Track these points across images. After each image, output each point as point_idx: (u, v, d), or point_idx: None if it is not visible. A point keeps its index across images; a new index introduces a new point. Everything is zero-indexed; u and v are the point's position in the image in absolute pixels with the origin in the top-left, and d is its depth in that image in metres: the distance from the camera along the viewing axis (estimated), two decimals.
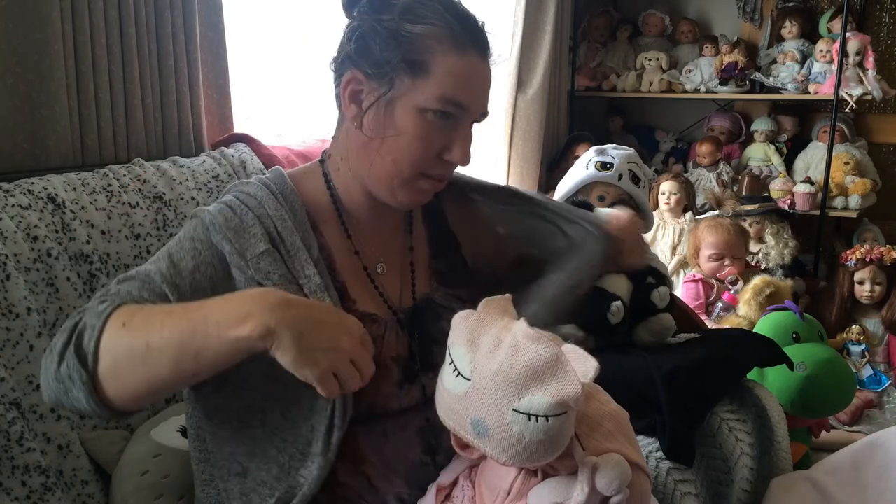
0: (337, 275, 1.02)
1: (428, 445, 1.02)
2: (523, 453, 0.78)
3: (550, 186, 2.84)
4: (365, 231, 1.07)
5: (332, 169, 1.06)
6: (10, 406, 1.08)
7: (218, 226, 0.96)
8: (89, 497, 1.21)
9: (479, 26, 0.99)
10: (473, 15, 1.00)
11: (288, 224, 0.98)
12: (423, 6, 0.96)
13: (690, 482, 1.34)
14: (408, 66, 0.95)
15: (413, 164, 0.98)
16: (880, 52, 3.32)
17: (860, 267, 2.61)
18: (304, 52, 2.30)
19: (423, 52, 0.94)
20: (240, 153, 1.74)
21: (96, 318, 0.85)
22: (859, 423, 2.33)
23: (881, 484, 1.42)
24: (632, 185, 1.88)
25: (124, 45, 1.51)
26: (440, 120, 0.96)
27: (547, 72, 3.14)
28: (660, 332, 1.59)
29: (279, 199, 1.00)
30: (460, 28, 0.96)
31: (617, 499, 0.80)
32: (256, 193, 1.00)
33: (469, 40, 0.96)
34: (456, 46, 0.95)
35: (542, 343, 0.79)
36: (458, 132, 0.98)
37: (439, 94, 0.95)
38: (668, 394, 1.35)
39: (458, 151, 0.98)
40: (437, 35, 0.95)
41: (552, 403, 0.76)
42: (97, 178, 1.39)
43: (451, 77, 0.95)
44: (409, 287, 1.09)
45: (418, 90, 0.95)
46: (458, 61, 0.95)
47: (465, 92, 0.96)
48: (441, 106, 0.95)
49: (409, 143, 0.97)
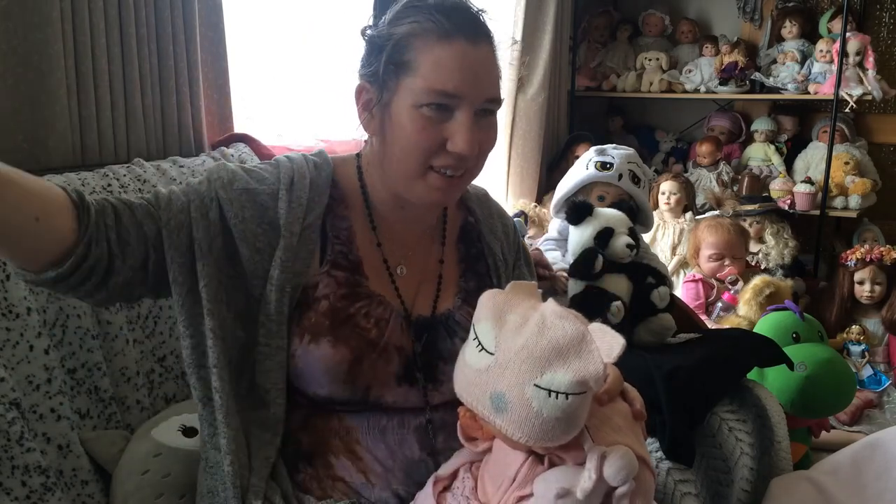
0: (354, 248, 1.05)
1: (427, 445, 1.02)
2: (539, 430, 0.79)
3: (550, 186, 2.85)
4: (389, 229, 1.09)
5: (364, 166, 1.10)
6: (10, 406, 1.08)
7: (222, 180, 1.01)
8: (89, 497, 1.21)
9: (468, 12, 0.98)
10: (467, 5, 0.99)
11: (305, 181, 1.03)
12: (410, 9, 0.97)
13: (690, 482, 1.35)
14: (395, 66, 0.97)
15: (417, 158, 0.98)
16: (880, 52, 3.32)
17: (860, 267, 2.61)
18: (304, 52, 2.30)
19: (407, 50, 0.96)
20: (240, 153, 1.74)
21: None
22: (859, 423, 2.33)
23: (881, 484, 1.42)
24: (632, 185, 1.88)
25: (124, 45, 1.51)
26: (436, 113, 0.96)
27: (547, 72, 3.15)
28: (660, 332, 1.59)
29: (310, 164, 1.06)
30: (444, 18, 0.95)
31: (623, 489, 0.81)
32: (294, 156, 1.07)
33: (454, 28, 0.95)
34: (439, 37, 0.95)
35: (570, 321, 0.80)
36: (457, 121, 0.97)
37: (426, 86, 0.95)
38: (668, 394, 1.35)
39: (460, 140, 0.97)
40: (419, 31, 0.96)
41: (574, 381, 0.77)
42: (97, 178, 1.38)
43: (436, 67, 0.95)
44: (432, 297, 1.10)
45: (408, 88, 0.96)
46: (443, 50, 0.95)
47: (453, 80, 0.95)
48: (431, 98, 0.95)
49: (409, 138, 0.97)
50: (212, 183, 0.99)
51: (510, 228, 1.25)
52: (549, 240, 1.96)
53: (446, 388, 1.01)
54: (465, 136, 0.96)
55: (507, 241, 1.22)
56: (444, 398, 1.03)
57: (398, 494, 1.00)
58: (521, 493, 0.85)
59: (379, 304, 1.03)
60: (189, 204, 0.97)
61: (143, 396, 1.35)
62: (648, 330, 1.59)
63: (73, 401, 1.22)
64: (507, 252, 1.22)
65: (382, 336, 1.01)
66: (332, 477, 1.00)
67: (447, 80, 0.95)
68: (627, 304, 1.57)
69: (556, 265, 1.82)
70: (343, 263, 1.04)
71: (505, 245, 1.21)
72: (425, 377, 1.04)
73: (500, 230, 1.22)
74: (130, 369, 1.32)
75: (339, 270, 1.03)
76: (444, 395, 1.03)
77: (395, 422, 1.02)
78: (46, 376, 1.16)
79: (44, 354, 1.16)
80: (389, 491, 1.00)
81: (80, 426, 1.24)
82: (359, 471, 1.00)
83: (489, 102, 0.99)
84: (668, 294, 1.60)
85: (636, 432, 0.90)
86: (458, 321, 1.08)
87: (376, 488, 0.99)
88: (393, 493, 1.00)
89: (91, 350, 1.26)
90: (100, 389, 1.26)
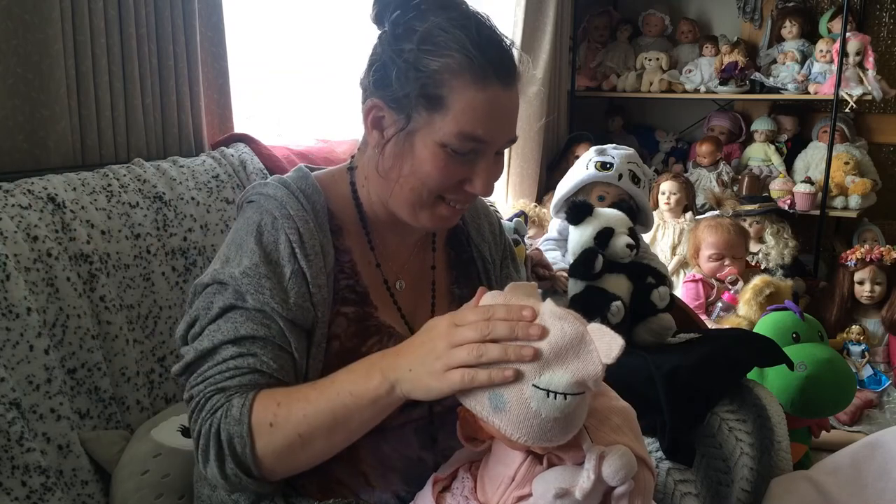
0: (360, 278, 1.03)
1: (425, 443, 1.02)
2: (538, 430, 0.79)
3: (550, 186, 2.85)
4: (387, 245, 1.07)
5: (359, 181, 1.07)
6: (10, 406, 1.08)
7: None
8: (89, 497, 1.21)
9: (504, 52, 0.94)
10: (500, 38, 0.95)
11: (310, 226, 0.98)
12: (443, 34, 0.92)
13: (690, 482, 1.35)
14: (426, 100, 0.92)
15: (432, 191, 0.97)
16: (880, 52, 3.32)
17: (860, 267, 2.61)
18: (305, 52, 2.30)
19: (440, 86, 0.91)
20: (240, 153, 1.74)
21: (238, 424, 0.89)
22: (859, 423, 2.33)
23: (881, 484, 1.42)
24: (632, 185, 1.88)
25: (124, 45, 1.51)
26: (461, 154, 0.94)
27: (547, 72, 3.15)
28: (660, 332, 1.59)
29: (300, 199, 1.00)
30: (481, 58, 0.91)
31: (622, 489, 0.81)
32: (276, 194, 1.00)
33: (491, 72, 0.92)
34: (475, 80, 0.91)
35: (568, 321, 0.80)
36: (481, 164, 0.96)
37: (457, 130, 0.92)
38: (668, 394, 1.35)
39: (480, 184, 0.96)
40: (455, 68, 0.91)
41: (572, 382, 0.77)
42: (97, 178, 1.39)
43: (469, 112, 0.92)
44: (429, 307, 1.09)
45: (436, 125, 0.93)
46: (477, 95, 0.91)
47: (485, 127, 0.93)
48: (460, 141, 0.93)
49: (429, 174, 0.95)
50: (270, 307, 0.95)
51: (496, 226, 1.23)
52: (549, 240, 1.96)
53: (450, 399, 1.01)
54: (485, 181, 0.96)
55: (493, 241, 1.21)
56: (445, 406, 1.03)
57: (398, 495, 1.00)
58: (520, 492, 0.85)
59: (389, 337, 1.01)
60: (274, 340, 0.95)
61: (143, 396, 1.35)
62: (648, 330, 1.59)
63: (73, 401, 1.22)
64: (495, 252, 1.20)
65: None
66: (332, 479, 1.00)
67: (478, 126, 0.92)
68: (627, 304, 1.57)
69: (556, 265, 1.83)
70: (351, 298, 1.01)
71: (492, 245, 1.20)
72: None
73: (487, 230, 1.20)
74: (130, 369, 1.32)
75: (349, 306, 1.01)
76: (444, 404, 1.03)
77: (396, 422, 1.02)
78: (46, 376, 1.16)
79: (44, 354, 1.16)
80: (389, 492, 0.99)
81: (80, 426, 1.24)
82: (359, 472, 0.99)
83: (509, 143, 0.99)
84: (668, 294, 1.60)
85: (635, 431, 0.90)
86: None
87: (376, 491, 0.99)
88: (393, 494, 0.99)
89: (91, 350, 1.26)
90: (100, 389, 1.26)
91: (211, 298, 0.97)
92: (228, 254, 0.98)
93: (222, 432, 0.90)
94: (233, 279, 0.95)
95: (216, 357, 0.93)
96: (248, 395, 0.91)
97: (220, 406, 0.91)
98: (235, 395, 0.91)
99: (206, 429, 0.91)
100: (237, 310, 0.95)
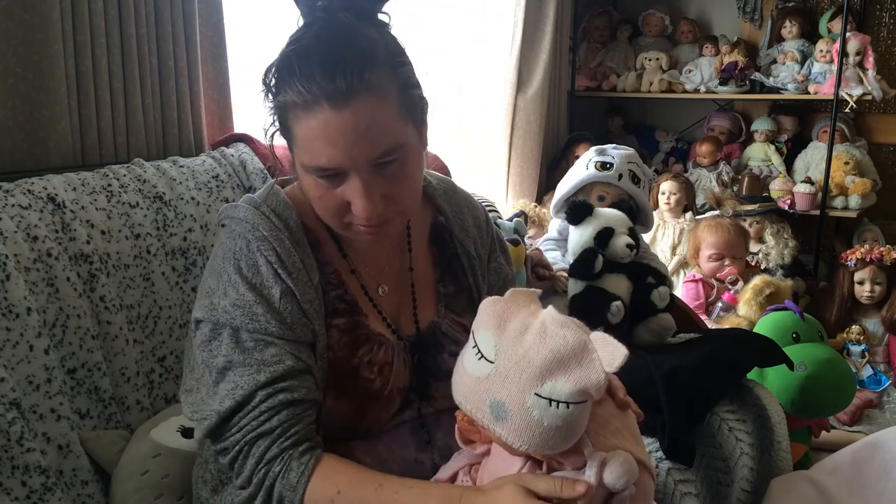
0: (347, 288, 1.02)
1: (422, 443, 1.02)
2: (539, 439, 0.79)
3: (550, 186, 2.85)
4: (360, 250, 1.05)
5: None
6: (10, 406, 1.08)
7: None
8: (89, 497, 1.21)
9: (335, 72, 0.86)
10: (330, 57, 0.87)
11: (286, 244, 0.97)
12: (285, 62, 0.90)
13: (690, 482, 1.34)
14: (286, 132, 0.93)
15: (330, 218, 0.96)
16: (880, 52, 3.32)
17: (860, 267, 2.61)
18: None
19: (286, 119, 0.91)
20: (240, 153, 1.74)
21: (292, 491, 0.89)
22: (859, 423, 2.33)
23: (881, 484, 1.43)
24: (632, 185, 1.88)
25: (124, 45, 1.51)
26: (329, 181, 0.91)
27: (547, 72, 3.14)
28: (660, 332, 1.59)
29: (272, 218, 0.98)
30: (307, 84, 0.86)
31: (623, 494, 0.81)
32: (246, 216, 0.98)
33: (317, 94, 0.86)
34: (304, 108, 0.87)
35: (570, 329, 0.79)
36: (350, 187, 0.90)
37: (307, 162, 0.90)
38: (668, 394, 1.35)
39: (358, 207, 0.91)
40: (292, 100, 0.88)
41: (574, 390, 0.77)
42: (97, 178, 1.39)
43: (308, 143, 0.89)
44: (411, 310, 1.07)
45: (296, 156, 0.93)
46: (309, 123, 0.88)
47: (325, 154, 0.88)
48: (315, 173, 0.91)
49: (315, 202, 0.95)
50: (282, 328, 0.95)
51: (481, 220, 1.18)
52: (549, 240, 1.96)
53: (440, 402, 1.02)
54: (361, 203, 0.90)
55: (479, 235, 1.16)
56: (436, 408, 1.03)
57: None
58: None
59: (380, 345, 1.00)
60: (289, 355, 0.94)
61: (143, 396, 1.35)
62: (648, 330, 1.59)
63: (73, 401, 1.23)
64: (481, 247, 1.16)
65: (387, 384, 0.99)
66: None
67: (319, 156, 0.88)
68: (627, 304, 1.57)
69: (556, 265, 1.82)
70: (342, 308, 1.00)
71: (478, 241, 1.16)
72: (419, 396, 1.04)
73: (472, 224, 1.15)
74: (130, 369, 1.32)
75: (340, 317, 1.00)
76: (435, 406, 1.04)
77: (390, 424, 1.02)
78: (46, 376, 1.16)
79: (44, 354, 1.16)
80: None
81: (80, 426, 1.24)
82: None
83: (380, 159, 0.89)
84: (668, 294, 1.60)
85: (635, 435, 0.89)
86: (446, 332, 1.06)
87: None
88: None
89: (91, 350, 1.26)
90: (100, 389, 1.26)
91: (209, 357, 0.95)
92: (212, 284, 0.97)
93: (275, 490, 0.90)
94: (226, 313, 0.93)
95: (245, 408, 0.92)
96: (310, 462, 0.90)
97: (274, 458, 0.91)
98: (294, 455, 0.91)
99: (258, 479, 0.91)
100: (242, 356, 0.93)
